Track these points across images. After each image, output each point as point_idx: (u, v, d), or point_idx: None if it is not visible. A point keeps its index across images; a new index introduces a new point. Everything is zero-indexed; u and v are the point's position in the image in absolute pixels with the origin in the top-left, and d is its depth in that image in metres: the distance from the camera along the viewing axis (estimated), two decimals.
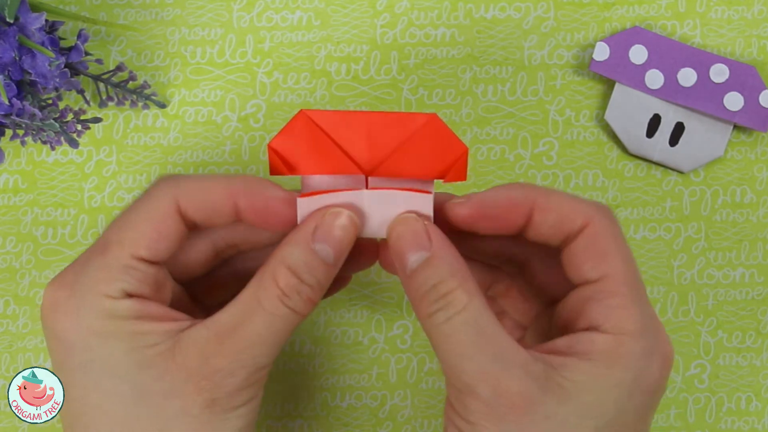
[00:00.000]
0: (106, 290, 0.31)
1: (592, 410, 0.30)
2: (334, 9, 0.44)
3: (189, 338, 0.31)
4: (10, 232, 0.44)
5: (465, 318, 0.31)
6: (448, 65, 0.44)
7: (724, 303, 0.43)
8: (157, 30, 0.44)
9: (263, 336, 0.31)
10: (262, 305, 0.32)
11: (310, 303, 0.32)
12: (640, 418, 0.31)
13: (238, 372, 0.31)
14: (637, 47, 0.43)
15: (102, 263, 0.32)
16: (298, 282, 0.32)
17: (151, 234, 0.32)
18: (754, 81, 0.42)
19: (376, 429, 0.43)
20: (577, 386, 0.30)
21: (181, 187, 0.33)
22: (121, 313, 0.31)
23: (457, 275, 0.31)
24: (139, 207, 0.33)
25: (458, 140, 0.33)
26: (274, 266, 0.32)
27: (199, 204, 0.33)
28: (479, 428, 0.30)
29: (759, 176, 0.44)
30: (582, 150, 0.44)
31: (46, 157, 0.44)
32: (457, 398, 0.31)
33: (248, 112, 0.44)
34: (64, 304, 0.32)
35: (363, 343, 0.43)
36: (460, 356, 0.30)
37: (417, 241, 0.32)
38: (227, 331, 0.31)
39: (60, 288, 0.32)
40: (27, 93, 0.40)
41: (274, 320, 0.32)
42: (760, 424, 0.43)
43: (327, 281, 0.33)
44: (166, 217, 0.33)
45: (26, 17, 0.38)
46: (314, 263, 0.32)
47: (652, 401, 0.32)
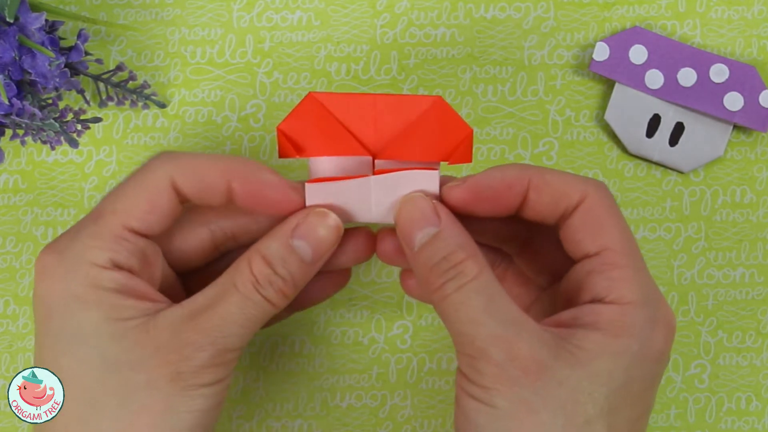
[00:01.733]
0: (94, 258, 0.32)
1: (603, 377, 0.30)
2: (334, 9, 0.44)
3: (164, 315, 0.32)
4: (10, 232, 0.44)
5: (476, 286, 0.31)
6: (448, 65, 0.44)
7: (724, 303, 0.43)
8: (157, 30, 0.44)
9: (235, 316, 0.32)
10: (237, 287, 0.32)
11: (282, 296, 0.33)
12: (647, 387, 0.32)
13: (207, 347, 0.31)
14: (637, 47, 0.43)
15: (94, 231, 0.32)
16: (271, 273, 0.32)
17: (143, 205, 0.33)
18: (754, 81, 0.42)
19: (376, 429, 0.43)
20: (587, 354, 0.30)
21: (177, 162, 0.33)
22: (105, 283, 0.32)
23: (466, 248, 0.32)
24: (134, 179, 0.33)
25: (463, 122, 0.33)
26: (250, 254, 0.33)
27: (193, 180, 0.33)
28: (493, 392, 0.30)
29: (759, 176, 0.44)
30: (582, 150, 0.44)
31: (46, 157, 0.44)
32: (470, 365, 0.31)
33: (248, 112, 0.44)
34: (53, 268, 0.32)
35: (363, 343, 0.43)
36: (473, 322, 0.31)
37: (425, 218, 0.32)
38: (200, 310, 0.32)
39: (51, 253, 0.33)
40: (27, 93, 0.40)
41: (247, 304, 0.32)
42: (760, 424, 0.43)
43: (301, 278, 0.33)
44: (160, 190, 0.33)
45: (26, 17, 0.38)
46: (289, 258, 0.33)
47: (658, 370, 0.32)
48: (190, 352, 0.31)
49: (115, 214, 0.33)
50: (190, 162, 0.33)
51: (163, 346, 0.31)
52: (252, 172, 0.33)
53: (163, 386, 0.31)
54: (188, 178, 0.33)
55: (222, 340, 0.32)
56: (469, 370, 0.31)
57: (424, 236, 0.32)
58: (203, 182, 0.33)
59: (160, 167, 0.33)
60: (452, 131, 0.33)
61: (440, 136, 0.33)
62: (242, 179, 0.33)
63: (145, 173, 0.33)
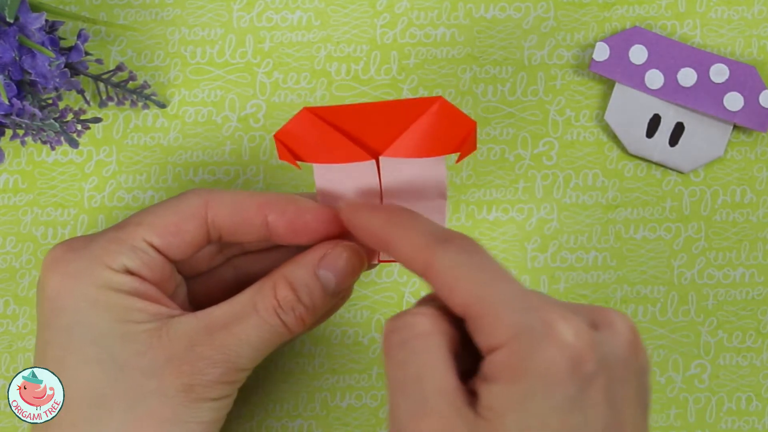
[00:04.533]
0: (109, 261, 0.32)
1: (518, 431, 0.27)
2: (334, 9, 0.44)
3: (178, 324, 0.32)
4: (10, 232, 0.44)
5: (416, 345, 0.29)
6: (448, 65, 0.44)
7: (724, 303, 0.43)
8: (157, 30, 0.44)
9: (251, 338, 0.32)
10: (257, 309, 0.32)
11: (300, 322, 0.33)
12: (571, 412, 0.28)
13: (220, 364, 0.32)
14: (637, 47, 0.43)
15: (113, 236, 0.33)
16: (295, 299, 0.33)
17: (169, 226, 0.33)
18: (754, 81, 0.42)
19: (376, 429, 0.43)
20: (494, 416, 0.28)
21: (214, 194, 0.34)
22: (117, 285, 0.32)
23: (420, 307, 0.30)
24: (168, 202, 0.34)
25: (466, 116, 0.33)
26: (275, 278, 0.33)
27: (229, 213, 0.33)
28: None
29: (759, 176, 0.44)
30: (582, 150, 0.44)
31: (46, 157, 0.44)
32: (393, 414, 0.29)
33: (248, 112, 0.44)
34: (66, 264, 0.32)
35: (363, 343, 0.43)
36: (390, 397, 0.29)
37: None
38: (218, 325, 0.32)
39: (67, 250, 0.33)
40: (27, 93, 0.40)
41: (265, 327, 0.32)
42: (760, 424, 0.43)
43: (322, 307, 0.33)
44: (190, 217, 0.33)
45: (26, 17, 0.38)
46: (314, 287, 0.33)
47: (575, 391, 0.28)
48: (203, 367, 0.32)
49: (140, 226, 0.33)
50: (227, 195, 0.34)
51: (177, 356, 0.31)
52: (289, 201, 0.34)
53: (173, 395, 0.31)
54: (225, 211, 0.33)
55: (236, 360, 0.32)
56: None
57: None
58: (240, 215, 0.33)
59: (196, 195, 0.34)
60: (457, 128, 0.33)
61: (444, 132, 0.33)
62: (279, 211, 0.33)
63: (180, 198, 0.34)
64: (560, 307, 0.29)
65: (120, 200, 0.44)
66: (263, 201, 0.33)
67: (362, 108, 0.33)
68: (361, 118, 0.33)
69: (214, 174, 0.44)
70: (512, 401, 0.27)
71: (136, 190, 0.44)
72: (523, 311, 0.28)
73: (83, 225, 0.44)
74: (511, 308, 0.28)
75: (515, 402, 0.27)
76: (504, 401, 0.28)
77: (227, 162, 0.44)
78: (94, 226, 0.43)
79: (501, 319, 0.28)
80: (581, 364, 0.28)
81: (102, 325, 0.31)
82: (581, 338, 0.28)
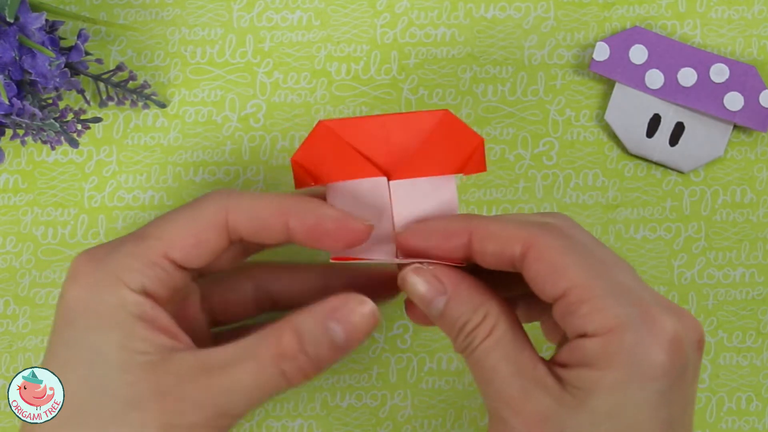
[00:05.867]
0: (127, 279, 0.32)
1: (602, 415, 0.30)
2: (334, 9, 0.44)
3: (176, 360, 0.32)
4: (10, 232, 0.44)
5: (488, 344, 0.32)
6: (448, 65, 0.44)
7: (724, 303, 0.43)
8: (157, 30, 0.44)
9: (245, 385, 0.31)
10: (256, 356, 0.32)
11: (302, 374, 0.32)
12: (658, 406, 0.31)
13: (207, 408, 0.31)
14: (637, 47, 0.43)
15: (133, 251, 0.32)
16: (299, 349, 0.32)
17: (190, 239, 0.33)
18: (754, 81, 0.42)
19: (376, 429, 0.43)
20: (584, 393, 0.30)
21: (233, 199, 0.33)
22: (129, 307, 0.32)
23: (479, 309, 0.32)
24: (187, 209, 0.33)
25: (473, 132, 0.34)
26: (282, 326, 0.32)
27: (249, 219, 0.33)
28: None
29: (759, 176, 0.44)
30: (582, 150, 0.44)
31: (46, 157, 0.44)
32: (490, 420, 0.32)
33: (248, 112, 0.44)
34: (85, 276, 0.32)
35: (363, 343, 0.43)
36: (485, 382, 0.32)
37: (431, 291, 0.33)
38: (214, 367, 0.31)
39: (89, 261, 0.33)
40: (27, 93, 0.40)
41: (262, 375, 0.32)
42: (760, 424, 0.43)
43: (327, 362, 0.33)
44: (210, 226, 0.33)
45: (26, 17, 0.38)
46: (321, 338, 0.32)
47: (666, 385, 0.31)
48: (187, 408, 0.31)
49: (161, 241, 0.32)
50: (246, 200, 0.33)
51: (165, 392, 0.31)
52: (310, 208, 0.33)
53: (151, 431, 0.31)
54: (245, 216, 0.33)
55: (223, 405, 0.31)
56: (490, 423, 0.32)
57: (436, 309, 0.33)
58: (260, 221, 0.33)
59: (215, 202, 0.33)
60: (463, 143, 0.34)
61: (452, 149, 0.34)
62: (300, 216, 0.33)
63: (199, 206, 0.33)
64: (659, 303, 0.31)
65: (120, 200, 0.44)
66: (284, 207, 0.33)
67: (373, 121, 0.34)
68: (372, 133, 0.34)
69: (214, 174, 0.44)
70: (604, 386, 0.30)
71: (136, 190, 0.44)
72: (628, 304, 0.31)
73: (83, 225, 0.44)
74: (617, 299, 0.31)
75: (607, 387, 0.30)
76: (591, 386, 0.30)
77: (227, 162, 0.44)
78: (94, 226, 0.43)
79: (606, 308, 0.30)
80: (675, 363, 0.31)
81: (104, 348, 0.31)
82: (677, 339, 0.31)
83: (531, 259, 0.32)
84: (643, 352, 0.30)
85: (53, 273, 0.43)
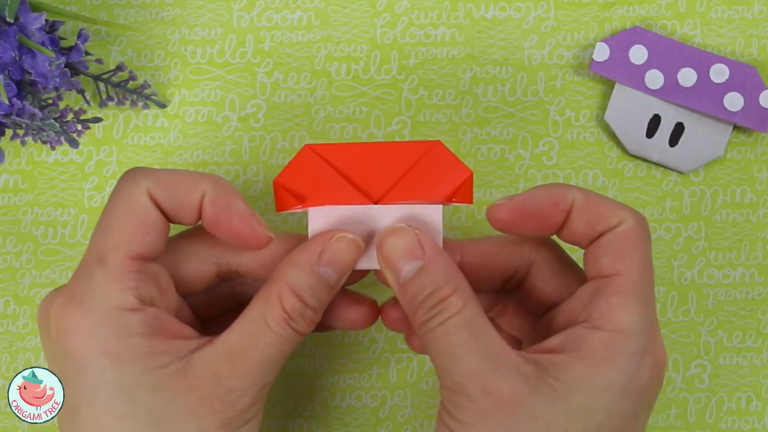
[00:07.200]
0: (119, 302, 0.31)
1: (580, 412, 0.30)
2: (334, 9, 0.44)
3: (201, 360, 0.32)
4: (10, 232, 0.44)
5: (457, 321, 0.31)
6: (448, 65, 0.44)
7: (724, 303, 0.43)
8: (157, 30, 0.44)
9: (271, 355, 0.32)
10: (270, 326, 0.32)
11: (311, 324, 0.33)
12: (629, 421, 0.31)
13: (249, 391, 0.32)
14: (637, 47, 0.43)
15: (106, 274, 0.32)
16: (303, 306, 0.32)
17: (137, 229, 0.32)
18: (754, 81, 0.42)
19: (376, 429, 0.43)
20: (566, 387, 0.30)
21: (152, 177, 0.33)
22: (135, 329, 0.31)
23: (451, 282, 0.32)
24: (115, 207, 0.33)
25: (462, 164, 0.34)
26: (279, 288, 0.32)
27: (168, 194, 0.33)
28: (468, 427, 0.30)
29: (759, 176, 0.44)
30: (582, 150, 0.44)
31: (46, 157, 0.44)
32: (449, 398, 0.31)
33: (248, 112, 0.44)
34: (78, 322, 0.31)
35: (363, 343, 0.43)
36: (452, 357, 0.31)
37: (410, 251, 0.32)
38: (237, 351, 0.32)
39: (71, 305, 0.32)
40: (27, 93, 0.40)
41: (281, 341, 0.32)
42: (760, 424, 0.43)
43: (328, 301, 0.33)
44: (145, 209, 0.33)
45: (26, 17, 0.38)
46: (318, 287, 0.33)
47: (641, 404, 0.32)
48: (235, 399, 0.32)
49: (117, 250, 0.32)
50: (164, 176, 0.33)
51: (208, 395, 0.31)
52: (224, 195, 0.33)
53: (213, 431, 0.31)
54: (164, 191, 0.33)
55: (261, 380, 0.32)
56: (448, 403, 0.31)
57: (409, 270, 0.32)
58: (177, 198, 0.33)
59: (136, 185, 0.33)
60: (452, 174, 0.34)
61: (440, 179, 0.34)
62: (213, 201, 0.33)
63: (123, 196, 0.33)
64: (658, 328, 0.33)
65: None
66: (201, 185, 0.33)
67: (361, 148, 0.34)
68: (359, 159, 0.34)
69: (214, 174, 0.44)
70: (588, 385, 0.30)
71: None
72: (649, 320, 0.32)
73: (83, 225, 0.44)
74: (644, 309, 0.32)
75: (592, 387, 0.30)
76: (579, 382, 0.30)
77: (227, 162, 0.44)
78: (94, 226, 0.43)
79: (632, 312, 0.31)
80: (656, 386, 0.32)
81: (129, 379, 0.31)
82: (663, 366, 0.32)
83: (612, 233, 0.32)
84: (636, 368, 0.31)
85: (53, 273, 0.43)
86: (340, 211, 0.34)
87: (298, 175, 0.34)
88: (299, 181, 0.34)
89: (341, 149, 0.34)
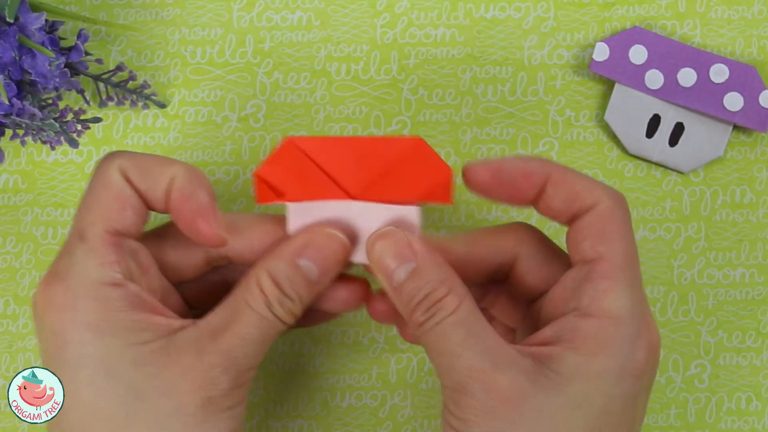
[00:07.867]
0: (99, 277, 0.32)
1: (580, 400, 0.30)
2: (334, 9, 0.44)
3: (183, 337, 0.32)
4: (10, 232, 0.44)
5: (455, 319, 0.31)
6: (448, 65, 0.44)
7: (724, 303, 0.43)
8: (157, 30, 0.44)
9: (253, 335, 0.32)
10: (251, 306, 0.32)
11: (291, 315, 0.33)
12: (629, 404, 0.31)
13: (231, 369, 0.31)
14: (637, 47, 0.43)
15: (85, 249, 0.32)
16: (281, 294, 0.32)
17: (114, 205, 0.32)
18: (754, 81, 0.42)
19: (376, 429, 0.43)
20: (563, 377, 0.30)
21: (124, 157, 0.33)
22: (116, 303, 0.31)
23: (446, 282, 0.32)
24: (94, 187, 0.33)
25: (443, 163, 0.33)
26: (258, 273, 0.33)
27: (141, 174, 0.33)
28: (471, 424, 0.30)
29: (759, 176, 0.44)
30: (582, 150, 0.44)
31: (46, 157, 0.44)
32: (451, 398, 0.31)
33: (248, 112, 0.44)
34: (61, 298, 0.32)
35: (363, 343, 0.43)
36: (452, 355, 0.31)
37: (401, 254, 0.32)
38: (219, 329, 0.32)
39: (53, 282, 0.32)
40: (27, 93, 0.40)
41: (261, 322, 0.32)
42: (760, 424, 0.43)
43: (308, 297, 0.33)
44: (119, 185, 0.33)
45: (26, 17, 0.38)
46: (296, 278, 0.32)
47: (639, 387, 0.32)
48: (216, 376, 0.31)
49: (95, 225, 0.32)
50: (138, 157, 0.33)
51: (189, 371, 0.31)
52: (191, 184, 0.33)
53: (194, 411, 0.31)
54: (136, 170, 0.33)
55: (243, 360, 0.32)
56: (450, 402, 0.31)
57: (402, 273, 0.32)
58: (149, 179, 0.33)
59: (110, 163, 0.33)
60: (432, 172, 0.33)
61: (420, 177, 0.33)
62: (179, 187, 0.33)
63: (100, 177, 0.33)
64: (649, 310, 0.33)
65: None
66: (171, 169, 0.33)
67: (344, 142, 0.34)
68: (341, 154, 0.33)
69: (214, 174, 0.44)
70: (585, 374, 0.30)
71: None
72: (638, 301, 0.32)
73: None
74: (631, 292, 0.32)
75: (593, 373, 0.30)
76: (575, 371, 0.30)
77: (227, 162, 0.44)
78: None
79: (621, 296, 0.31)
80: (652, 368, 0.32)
81: (111, 354, 0.31)
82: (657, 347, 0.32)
83: (590, 214, 0.32)
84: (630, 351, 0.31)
85: None
86: (318, 206, 0.34)
87: (279, 168, 0.34)
88: (279, 175, 0.34)
89: (324, 143, 0.34)
